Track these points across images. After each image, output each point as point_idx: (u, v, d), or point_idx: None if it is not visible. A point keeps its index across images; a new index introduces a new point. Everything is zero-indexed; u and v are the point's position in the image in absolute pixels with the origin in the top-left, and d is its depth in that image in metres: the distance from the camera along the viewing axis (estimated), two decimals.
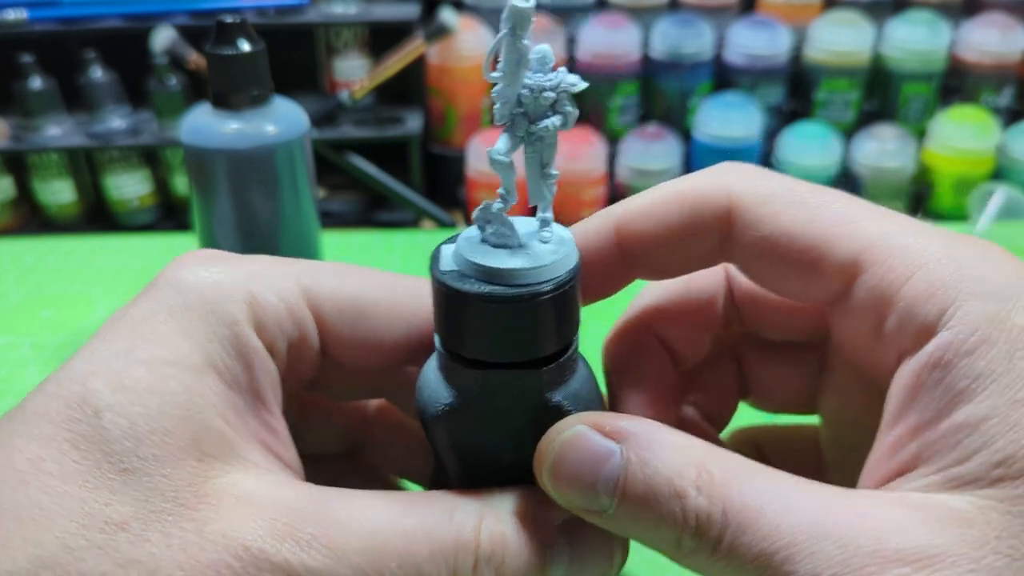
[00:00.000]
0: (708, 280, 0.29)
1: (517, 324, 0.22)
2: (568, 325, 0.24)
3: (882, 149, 1.89)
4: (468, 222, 0.22)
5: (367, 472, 0.33)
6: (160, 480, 0.20)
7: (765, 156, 1.96)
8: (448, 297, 0.22)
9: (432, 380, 0.25)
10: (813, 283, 0.24)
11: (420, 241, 0.79)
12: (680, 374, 0.29)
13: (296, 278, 0.25)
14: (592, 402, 0.25)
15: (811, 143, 1.91)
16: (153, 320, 0.22)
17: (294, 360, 0.25)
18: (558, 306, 0.23)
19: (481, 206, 0.23)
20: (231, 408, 0.22)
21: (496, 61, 0.22)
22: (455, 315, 0.23)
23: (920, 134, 1.92)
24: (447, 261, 0.23)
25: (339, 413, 0.32)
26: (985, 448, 0.19)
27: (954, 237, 0.23)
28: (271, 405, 0.24)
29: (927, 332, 0.21)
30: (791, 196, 0.24)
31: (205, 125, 0.49)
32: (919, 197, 1.96)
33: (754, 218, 0.24)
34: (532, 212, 0.24)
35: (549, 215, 0.24)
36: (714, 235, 0.25)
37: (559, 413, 0.24)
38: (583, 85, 0.22)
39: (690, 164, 1.96)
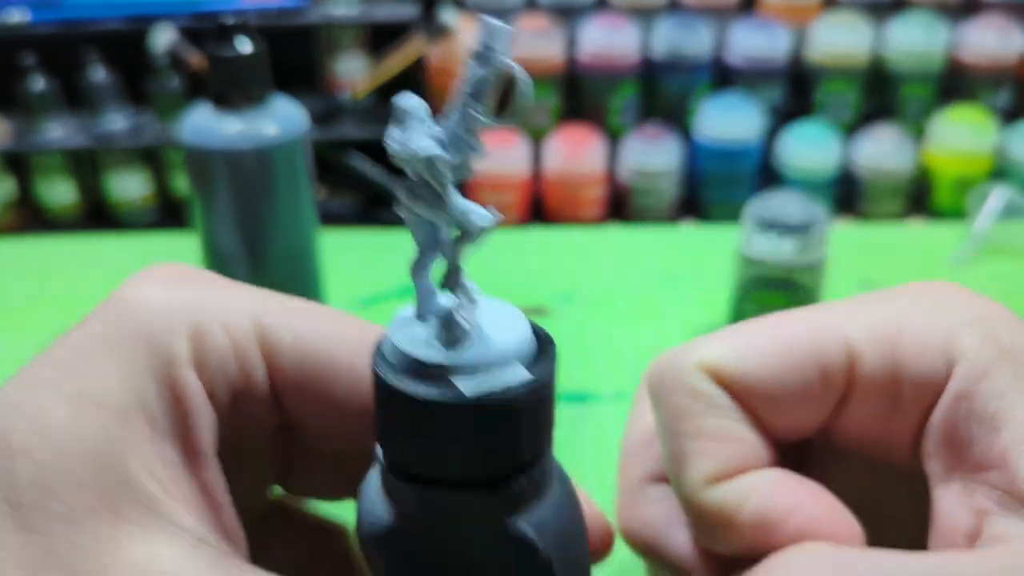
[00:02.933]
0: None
1: (473, 433, 0.18)
2: (540, 433, 0.19)
3: (881, 149, 1.90)
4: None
5: None
6: (63, 544, 0.17)
7: (765, 156, 1.96)
8: (386, 395, 0.18)
9: (372, 492, 0.21)
10: (818, 402, 0.22)
11: None
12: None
13: (252, 314, 0.21)
14: (570, 535, 0.20)
15: (811, 143, 1.91)
16: (90, 349, 0.20)
17: (240, 410, 0.22)
18: (530, 409, 0.18)
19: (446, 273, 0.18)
20: (160, 460, 0.19)
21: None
22: (393, 417, 0.19)
23: (919, 134, 1.93)
24: (390, 348, 0.19)
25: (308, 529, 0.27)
26: None
27: (900, 291, 0.22)
28: (207, 458, 0.20)
29: (941, 376, 0.21)
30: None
31: (205, 125, 0.49)
32: (918, 197, 1.96)
33: None
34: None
35: (468, 282, 0.19)
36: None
37: (524, 547, 0.19)
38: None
39: (690, 164, 1.97)
